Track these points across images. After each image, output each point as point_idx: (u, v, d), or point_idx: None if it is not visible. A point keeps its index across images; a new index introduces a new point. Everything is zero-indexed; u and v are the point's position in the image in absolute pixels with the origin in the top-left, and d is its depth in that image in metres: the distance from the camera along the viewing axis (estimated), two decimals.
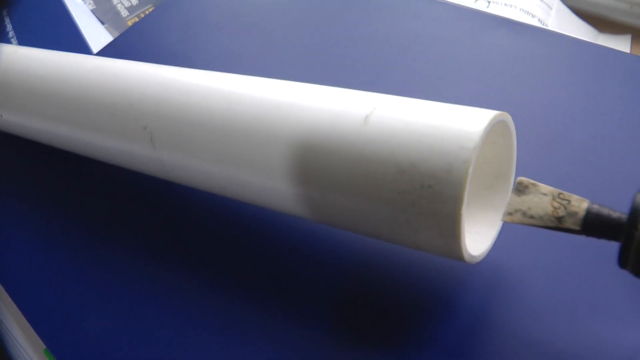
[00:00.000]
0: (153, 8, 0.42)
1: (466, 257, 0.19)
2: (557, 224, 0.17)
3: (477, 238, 0.20)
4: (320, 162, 0.20)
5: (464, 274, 0.22)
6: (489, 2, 0.41)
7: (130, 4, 0.42)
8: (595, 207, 0.17)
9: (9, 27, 0.42)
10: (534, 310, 0.21)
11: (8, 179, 0.31)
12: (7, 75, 0.28)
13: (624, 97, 0.25)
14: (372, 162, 0.18)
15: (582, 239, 0.17)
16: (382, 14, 0.33)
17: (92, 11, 0.42)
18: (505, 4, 0.41)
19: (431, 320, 0.21)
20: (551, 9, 0.43)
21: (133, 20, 0.41)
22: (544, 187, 0.18)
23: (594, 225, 0.17)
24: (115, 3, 0.43)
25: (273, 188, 0.21)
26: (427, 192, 0.17)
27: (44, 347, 0.24)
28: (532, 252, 0.22)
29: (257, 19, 0.35)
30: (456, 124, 0.18)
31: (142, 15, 0.42)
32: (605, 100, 0.25)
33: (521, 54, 0.28)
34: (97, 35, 0.40)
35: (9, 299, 0.25)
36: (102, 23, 0.41)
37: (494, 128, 0.19)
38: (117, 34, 0.40)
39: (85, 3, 0.43)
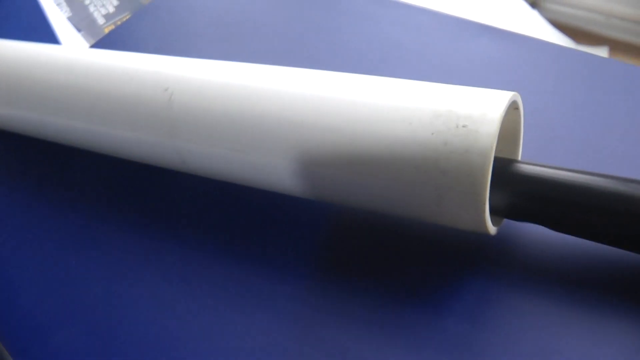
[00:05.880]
0: (130, 15, 0.41)
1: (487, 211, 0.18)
2: None
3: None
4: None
5: None
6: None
7: (107, 11, 0.42)
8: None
9: None
10: None
11: None
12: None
13: (609, 102, 0.25)
14: (408, 108, 0.19)
15: None
16: (364, 21, 0.33)
17: (69, 19, 0.41)
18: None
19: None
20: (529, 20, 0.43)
21: (110, 28, 0.41)
22: None
23: None
24: (91, 10, 0.42)
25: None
26: (462, 131, 0.18)
27: None
28: None
29: (236, 28, 0.35)
30: (486, 90, 0.19)
31: (119, 22, 0.41)
32: (589, 104, 0.25)
33: (504, 61, 0.28)
34: (73, 42, 0.40)
35: None
36: (79, 30, 0.41)
37: (511, 106, 0.20)
38: (93, 42, 0.39)
39: (61, 10, 0.42)
